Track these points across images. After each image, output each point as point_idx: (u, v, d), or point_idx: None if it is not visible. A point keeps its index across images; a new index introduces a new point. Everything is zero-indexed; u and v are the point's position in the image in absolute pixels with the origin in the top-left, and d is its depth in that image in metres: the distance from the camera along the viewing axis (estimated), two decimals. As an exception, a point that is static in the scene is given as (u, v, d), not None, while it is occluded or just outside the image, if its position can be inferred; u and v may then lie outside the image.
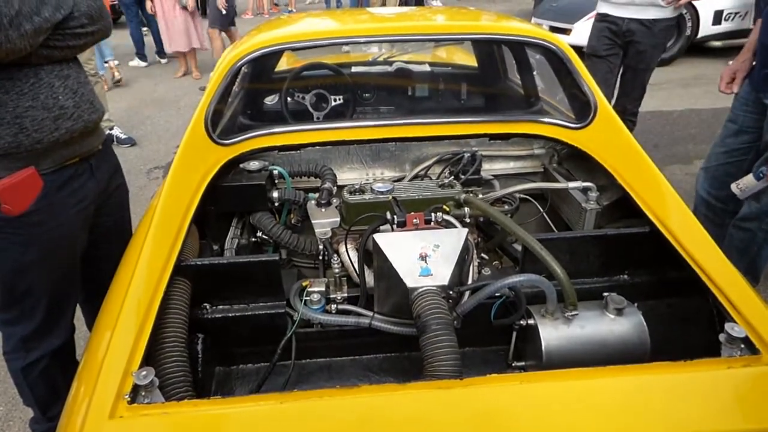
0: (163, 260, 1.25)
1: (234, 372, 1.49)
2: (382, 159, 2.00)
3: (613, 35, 3.08)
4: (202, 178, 1.52)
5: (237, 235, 1.68)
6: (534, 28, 1.89)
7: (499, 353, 1.48)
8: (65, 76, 1.34)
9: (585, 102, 1.68)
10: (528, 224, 1.86)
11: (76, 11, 1.29)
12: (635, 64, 3.12)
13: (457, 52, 3.12)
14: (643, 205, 1.43)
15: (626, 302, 1.26)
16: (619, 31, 3.05)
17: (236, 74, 1.72)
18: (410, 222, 1.37)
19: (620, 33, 3.05)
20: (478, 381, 0.97)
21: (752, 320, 1.07)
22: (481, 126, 1.76)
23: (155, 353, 1.12)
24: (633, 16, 2.98)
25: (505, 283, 1.22)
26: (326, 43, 1.77)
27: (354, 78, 2.51)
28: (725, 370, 0.97)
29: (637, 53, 3.07)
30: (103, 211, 1.58)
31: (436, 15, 2.39)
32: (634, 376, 1.00)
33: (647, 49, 3.05)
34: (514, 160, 2.07)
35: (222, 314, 1.41)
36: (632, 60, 3.12)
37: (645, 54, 3.07)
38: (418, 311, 1.15)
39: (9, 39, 1.15)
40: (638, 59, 3.09)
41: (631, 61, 3.14)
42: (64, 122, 1.33)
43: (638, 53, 3.06)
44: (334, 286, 1.47)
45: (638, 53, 3.06)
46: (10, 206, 1.27)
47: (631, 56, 3.12)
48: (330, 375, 1.48)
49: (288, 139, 1.70)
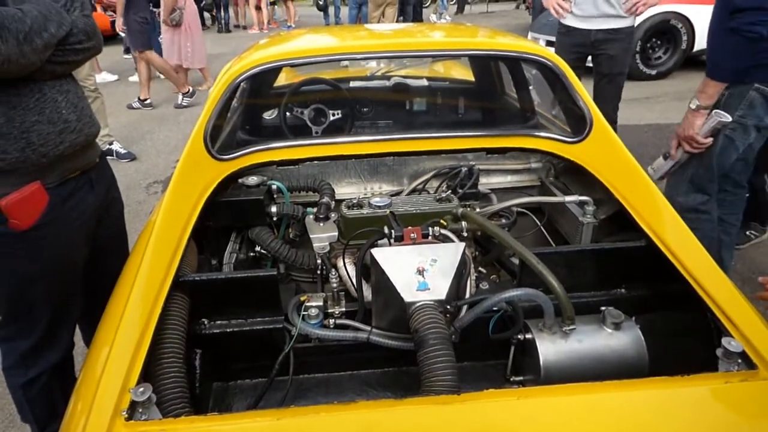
0: (162, 275, 1.26)
1: (232, 387, 1.48)
2: (380, 173, 2.01)
3: (581, 47, 3.19)
4: (201, 194, 1.53)
5: (235, 250, 1.69)
6: (529, 43, 1.91)
7: (498, 368, 1.48)
8: (66, 91, 1.39)
9: (580, 116, 1.70)
10: (525, 238, 1.87)
11: (74, 28, 1.34)
12: (609, 70, 3.20)
13: (454, 67, 3.15)
14: (639, 219, 1.44)
15: (623, 316, 1.26)
16: (587, 42, 3.16)
17: (235, 90, 1.74)
18: (407, 236, 1.37)
19: (588, 44, 3.16)
20: (476, 396, 0.97)
21: (749, 334, 1.07)
22: (478, 140, 1.78)
23: (153, 369, 1.11)
24: (598, 27, 3.09)
25: (502, 297, 1.22)
26: (324, 59, 1.80)
27: (352, 92, 2.53)
28: (722, 385, 0.98)
29: (609, 59, 3.16)
30: (101, 224, 1.59)
31: (432, 31, 2.42)
32: (632, 391, 0.99)
33: (618, 53, 3.14)
34: (511, 173, 2.09)
35: (220, 329, 1.41)
36: (605, 67, 3.20)
37: (617, 58, 3.16)
38: (416, 326, 1.15)
39: (23, 54, 1.20)
40: (612, 64, 3.17)
41: (605, 69, 3.21)
42: (67, 135, 1.37)
43: (610, 58, 3.16)
44: (332, 300, 1.48)
45: (610, 58, 3.16)
46: (18, 221, 1.29)
47: (604, 64, 3.20)
48: (328, 390, 1.48)
49: (286, 154, 1.71)
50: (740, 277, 2.73)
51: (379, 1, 7.58)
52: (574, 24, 3.17)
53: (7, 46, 1.15)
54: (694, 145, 2.07)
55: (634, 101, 5.75)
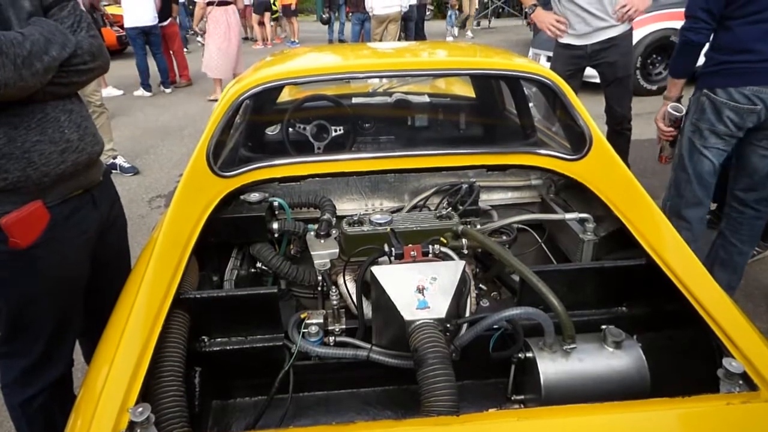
0: (163, 293, 1.26)
1: (231, 406, 1.48)
2: (381, 190, 2.02)
3: (579, 59, 3.24)
4: (203, 211, 1.54)
5: (237, 266, 1.69)
6: (529, 63, 1.93)
7: (499, 386, 1.47)
8: (69, 111, 1.38)
9: (580, 134, 1.71)
10: (526, 255, 1.87)
11: (79, 49, 1.34)
12: (614, 75, 3.24)
13: (455, 83, 3.18)
14: (639, 237, 1.44)
15: (624, 335, 1.25)
16: (585, 55, 3.22)
17: (238, 108, 1.76)
18: (408, 254, 1.38)
19: (586, 56, 3.22)
20: (476, 417, 0.96)
21: (750, 355, 1.07)
22: (478, 157, 1.79)
23: (152, 388, 1.11)
24: (594, 41, 3.14)
25: (502, 316, 1.22)
26: (326, 78, 1.82)
27: (354, 109, 2.55)
28: (724, 407, 0.97)
29: (609, 66, 3.21)
30: (104, 241, 1.59)
31: (434, 49, 2.45)
32: (633, 412, 0.99)
33: (618, 59, 3.19)
34: (511, 190, 2.09)
35: (220, 347, 1.40)
36: (610, 74, 3.25)
37: (617, 64, 3.20)
38: (416, 345, 1.15)
39: (22, 77, 1.20)
40: (615, 69, 3.21)
41: (609, 76, 3.26)
42: (69, 155, 1.36)
43: (611, 65, 3.20)
44: (332, 317, 1.47)
45: (611, 65, 3.20)
46: (17, 240, 1.29)
47: (607, 72, 3.25)
48: (328, 409, 1.47)
49: (288, 171, 1.72)
50: (742, 293, 2.72)
51: (382, 18, 7.67)
52: (571, 41, 3.22)
53: (5, 71, 1.15)
54: (659, 131, 2.40)
55: (635, 116, 5.75)
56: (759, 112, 2.05)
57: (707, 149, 2.19)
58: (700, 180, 2.25)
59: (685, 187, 2.30)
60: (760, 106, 2.04)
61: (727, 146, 2.19)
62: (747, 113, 2.06)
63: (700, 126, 2.19)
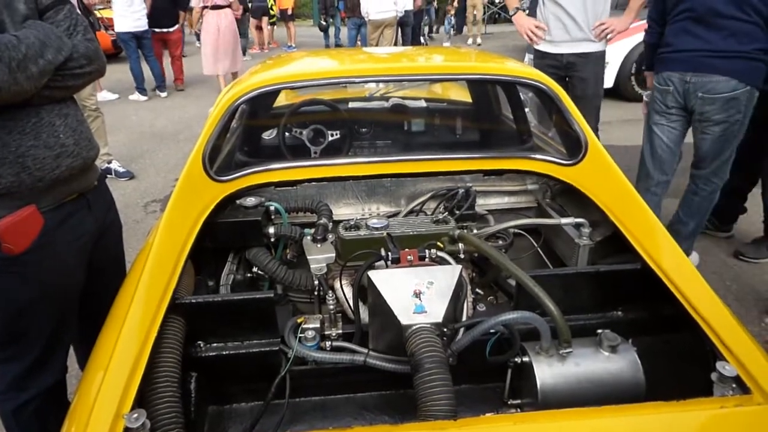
0: (158, 298, 1.26)
1: (227, 411, 1.47)
2: (377, 194, 2.02)
3: (556, 69, 3.29)
4: (199, 215, 1.53)
5: (233, 271, 1.69)
6: (526, 68, 1.95)
7: (495, 390, 1.47)
8: (65, 115, 1.37)
9: (575, 139, 1.72)
10: (522, 259, 1.87)
11: (75, 53, 1.33)
12: (582, 93, 3.29)
13: (452, 88, 3.19)
14: (634, 242, 1.45)
15: (620, 339, 1.26)
16: (560, 65, 3.27)
17: (234, 112, 1.76)
18: (404, 258, 1.38)
19: (562, 66, 3.27)
20: (473, 422, 0.96)
21: (742, 358, 1.08)
22: (475, 162, 1.80)
23: (147, 394, 1.11)
24: (570, 51, 3.21)
25: (498, 320, 1.22)
26: (322, 83, 1.82)
27: (351, 113, 2.56)
28: (718, 410, 0.98)
29: (581, 81, 3.27)
30: (99, 247, 1.58)
31: (431, 55, 2.46)
32: (628, 416, 0.99)
33: (590, 76, 3.25)
34: (508, 195, 2.10)
35: (216, 352, 1.40)
36: (579, 89, 3.29)
37: (588, 81, 3.26)
38: (412, 349, 1.15)
39: (17, 81, 1.19)
40: (584, 86, 3.27)
41: (578, 91, 3.30)
42: (64, 160, 1.35)
43: (582, 81, 3.26)
44: (329, 322, 1.47)
45: (582, 81, 3.26)
46: (11, 245, 1.28)
47: (577, 86, 3.30)
48: (324, 414, 1.46)
49: (284, 176, 1.72)
50: (735, 297, 2.74)
51: (378, 23, 7.69)
52: (547, 49, 3.28)
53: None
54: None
55: (628, 122, 5.81)
56: (672, 92, 2.58)
57: (655, 125, 2.71)
58: (653, 153, 2.73)
59: (640, 160, 2.82)
60: (671, 87, 2.57)
61: (670, 123, 2.65)
62: (664, 93, 2.61)
63: (653, 106, 2.72)
